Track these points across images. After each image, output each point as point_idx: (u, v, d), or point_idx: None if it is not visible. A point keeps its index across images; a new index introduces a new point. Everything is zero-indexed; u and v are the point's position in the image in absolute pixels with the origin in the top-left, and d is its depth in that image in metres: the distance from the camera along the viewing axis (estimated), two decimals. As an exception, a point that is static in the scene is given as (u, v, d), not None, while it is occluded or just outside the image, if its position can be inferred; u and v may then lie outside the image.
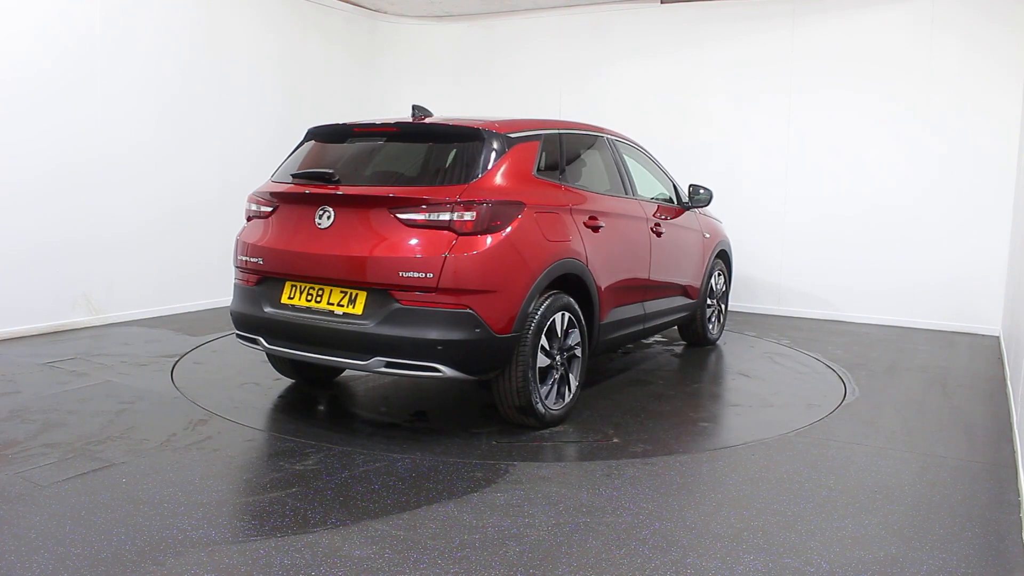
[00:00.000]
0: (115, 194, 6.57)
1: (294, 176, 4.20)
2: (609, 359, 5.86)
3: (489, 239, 3.80)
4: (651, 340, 6.60)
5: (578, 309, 4.28)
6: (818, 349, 6.32)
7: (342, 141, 4.39)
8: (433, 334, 3.69)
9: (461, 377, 3.81)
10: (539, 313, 3.97)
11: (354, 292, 3.87)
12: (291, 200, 4.17)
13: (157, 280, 6.95)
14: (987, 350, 6.48)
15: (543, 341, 4.02)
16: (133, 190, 6.70)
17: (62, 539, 2.78)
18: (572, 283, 4.30)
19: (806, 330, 7.15)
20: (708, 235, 6.13)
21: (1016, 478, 3.59)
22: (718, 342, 6.53)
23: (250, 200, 4.42)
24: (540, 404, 4.04)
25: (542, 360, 4.04)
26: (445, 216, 3.76)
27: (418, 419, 4.39)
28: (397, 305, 3.74)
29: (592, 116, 8.06)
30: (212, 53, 7.31)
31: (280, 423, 4.21)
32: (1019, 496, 3.39)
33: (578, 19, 8.65)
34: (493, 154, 4.04)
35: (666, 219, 5.48)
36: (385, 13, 9.21)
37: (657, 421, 4.36)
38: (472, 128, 4.12)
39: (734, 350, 6.34)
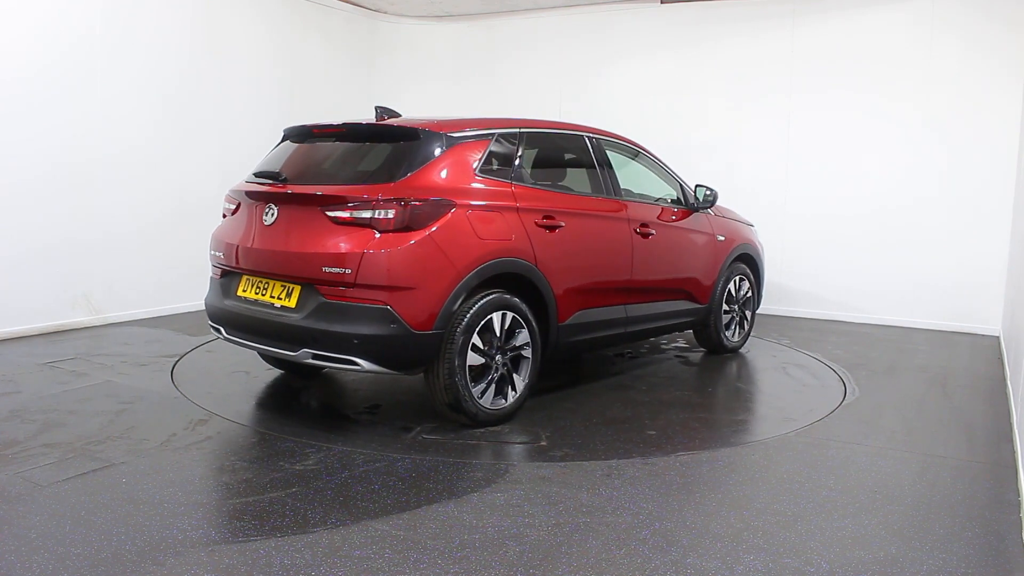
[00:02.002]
0: (115, 194, 6.57)
1: (254, 175, 4.41)
2: (611, 362, 5.86)
3: (409, 237, 3.85)
4: (670, 345, 6.42)
5: (526, 309, 4.26)
6: (818, 349, 6.32)
7: (303, 141, 4.57)
8: (350, 328, 3.80)
9: (381, 371, 3.92)
10: (471, 312, 3.99)
11: (291, 286, 4.05)
12: (248, 198, 4.37)
13: (157, 280, 6.95)
14: (987, 350, 6.48)
15: (475, 340, 4.03)
16: (133, 190, 6.70)
17: (62, 539, 2.78)
18: (520, 283, 4.30)
19: (806, 330, 7.15)
20: (723, 238, 5.86)
21: (1016, 478, 3.59)
22: (741, 350, 6.20)
23: (224, 198, 4.64)
24: (471, 403, 4.04)
25: (474, 359, 4.04)
26: (367, 214, 3.85)
27: (369, 411, 4.48)
28: (322, 299, 3.90)
29: (592, 116, 8.06)
30: (212, 53, 7.31)
31: (280, 423, 4.21)
32: (1019, 496, 3.39)
33: (578, 19, 8.65)
34: (428, 153, 4.09)
35: (661, 220, 5.34)
36: (385, 13, 9.21)
37: (605, 427, 4.22)
38: (410, 128, 4.21)
39: (752, 359, 6.02)
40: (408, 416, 4.37)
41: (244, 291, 4.28)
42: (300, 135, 4.60)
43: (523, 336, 4.27)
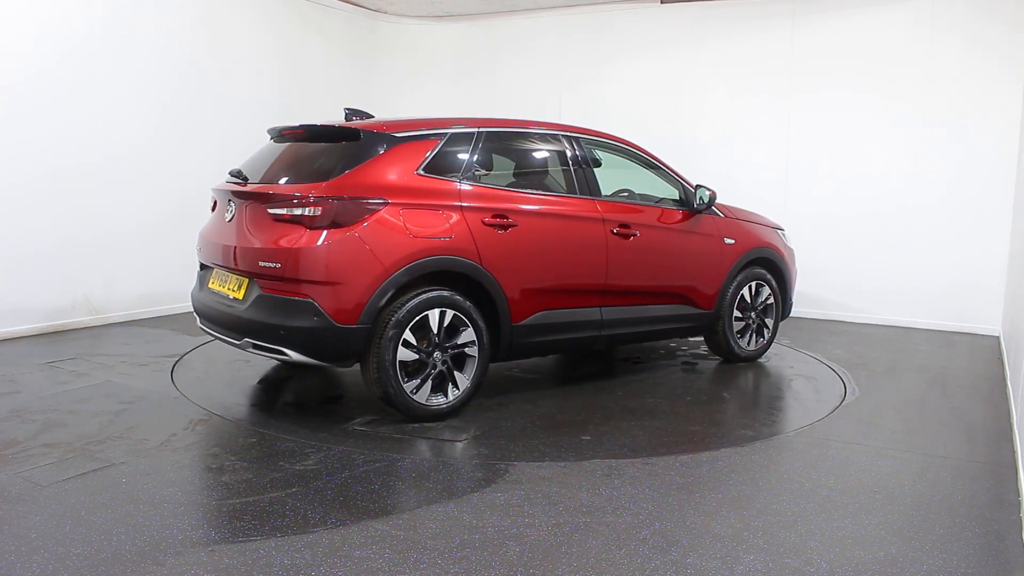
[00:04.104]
0: (115, 194, 6.57)
1: (228, 173, 4.64)
2: (609, 365, 5.85)
3: (335, 234, 3.98)
4: (686, 352, 6.12)
5: (470, 307, 4.28)
6: (818, 349, 6.32)
7: (278, 142, 4.75)
8: (278, 320, 4.00)
9: (309, 362, 4.09)
10: (402, 308, 4.05)
11: (242, 279, 4.27)
12: (219, 196, 4.66)
13: (157, 280, 6.95)
14: (987, 350, 6.48)
15: (408, 336, 4.08)
16: (133, 190, 6.71)
17: (62, 539, 2.78)
18: (466, 281, 4.32)
19: (806, 330, 7.15)
20: (732, 241, 5.55)
21: (1016, 478, 3.59)
22: (760, 360, 5.86)
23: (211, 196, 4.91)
24: (402, 397, 4.10)
25: (407, 355, 4.09)
26: (298, 211, 4.02)
27: (329, 402, 4.66)
28: (260, 292, 4.12)
29: (592, 115, 8.06)
30: (212, 53, 7.31)
31: (280, 423, 4.21)
32: (1019, 496, 3.39)
33: (578, 19, 8.65)
34: (366, 153, 4.21)
35: (648, 222, 5.15)
36: (385, 13, 9.21)
37: (542, 430, 4.15)
38: (352, 129, 4.35)
39: (768, 368, 5.70)
40: (361, 408, 4.46)
41: (212, 283, 4.55)
42: (276, 136, 4.77)
43: (467, 335, 4.28)
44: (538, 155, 5.05)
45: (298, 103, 8.16)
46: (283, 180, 4.32)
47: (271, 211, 4.11)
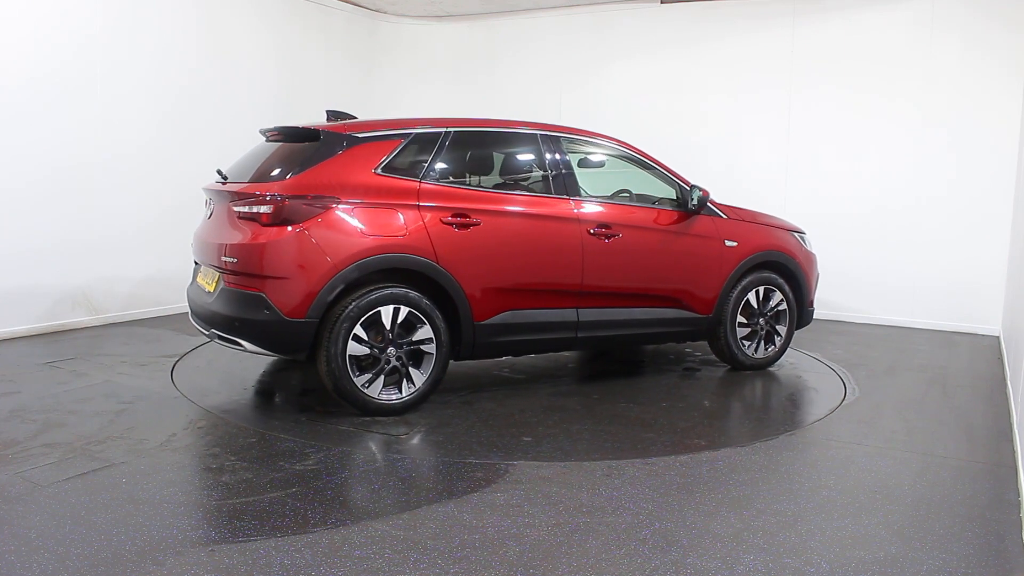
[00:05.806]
0: (115, 194, 6.57)
1: (217, 172, 4.79)
2: (605, 367, 5.85)
3: (285, 230, 4.12)
4: (699, 356, 5.92)
5: (428, 305, 4.32)
6: (818, 349, 6.32)
7: (266, 142, 4.86)
8: (234, 312, 4.20)
9: (263, 353, 4.29)
10: (353, 303, 4.14)
11: (216, 274, 4.43)
12: (206, 195, 4.81)
13: (157, 279, 6.95)
14: (987, 350, 6.48)
15: (359, 331, 4.16)
16: (134, 190, 6.71)
17: (62, 539, 2.78)
18: (423, 279, 4.36)
19: (806, 330, 7.11)
20: (734, 243, 5.30)
21: (1016, 478, 3.59)
22: (771, 368, 5.60)
23: None
24: (354, 391, 4.19)
25: (358, 349, 4.17)
26: (255, 209, 4.20)
27: (302, 394, 4.81)
28: (223, 286, 4.30)
29: (592, 115, 8.07)
30: (212, 54, 7.31)
31: (280, 423, 4.21)
32: (1019, 496, 3.39)
33: (578, 19, 8.64)
34: (324, 153, 4.33)
35: (634, 222, 5.00)
36: (385, 13, 9.21)
37: (490, 430, 4.12)
38: (313, 130, 4.48)
39: (767, 370, 5.56)
40: (328, 402, 4.52)
41: (199, 278, 4.74)
42: (264, 136, 4.89)
43: (424, 332, 4.31)
44: (509, 155, 5.05)
45: (298, 103, 8.16)
46: (254, 179, 4.44)
47: (236, 209, 4.28)
